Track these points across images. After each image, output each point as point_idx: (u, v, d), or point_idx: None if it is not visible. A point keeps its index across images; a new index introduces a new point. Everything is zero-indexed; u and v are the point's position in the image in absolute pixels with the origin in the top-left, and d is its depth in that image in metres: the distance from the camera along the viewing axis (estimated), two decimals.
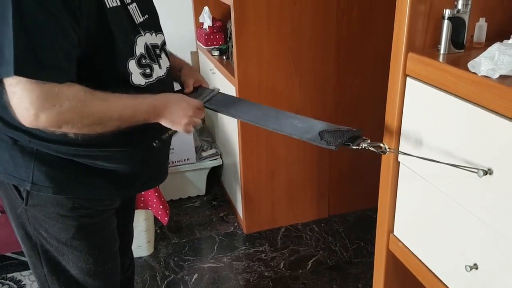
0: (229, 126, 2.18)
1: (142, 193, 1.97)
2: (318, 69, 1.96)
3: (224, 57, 2.17)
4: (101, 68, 0.99)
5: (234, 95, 1.92)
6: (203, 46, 2.33)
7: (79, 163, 1.06)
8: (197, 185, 2.46)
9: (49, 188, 1.05)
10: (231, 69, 1.99)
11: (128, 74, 1.03)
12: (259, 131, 1.95)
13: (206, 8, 2.31)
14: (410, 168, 1.03)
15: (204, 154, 2.42)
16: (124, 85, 1.03)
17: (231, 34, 2.00)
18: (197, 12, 2.45)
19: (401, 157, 1.06)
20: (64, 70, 0.91)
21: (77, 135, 0.98)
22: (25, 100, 0.88)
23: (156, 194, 1.93)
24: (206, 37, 2.28)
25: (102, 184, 1.11)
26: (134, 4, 1.07)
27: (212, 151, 2.44)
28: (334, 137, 0.96)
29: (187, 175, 2.41)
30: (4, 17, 0.85)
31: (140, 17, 1.08)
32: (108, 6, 0.98)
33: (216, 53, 2.22)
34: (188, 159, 2.35)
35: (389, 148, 0.97)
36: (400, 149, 1.05)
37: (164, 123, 1.06)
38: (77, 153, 1.04)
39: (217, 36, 2.29)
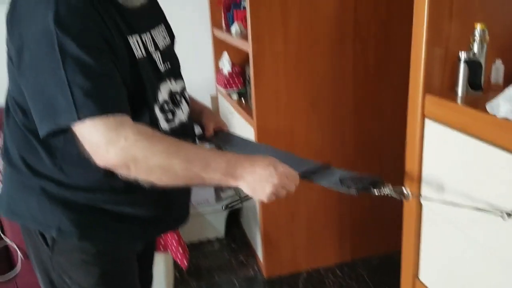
0: None
1: (162, 235, 1.98)
2: (336, 112, 1.97)
3: (243, 100, 2.22)
4: (133, 114, 0.99)
5: (253, 137, 1.94)
6: (223, 90, 2.38)
7: (104, 209, 1.07)
8: (217, 227, 2.45)
9: (75, 235, 1.06)
10: (249, 112, 2.02)
11: (156, 120, 1.06)
12: None
13: (225, 54, 2.37)
14: (434, 211, 1.01)
15: (223, 195, 2.42)
16: None
17: (249, 78, 2.04)
18: (217, 57, 2.52)
19: (424, 201, 1.04)
20: (122, 102, 0.93)
21: (145, 183, 0.93)
22: (93, 138, 0.89)
23: (176, 237, 1.93)
24: (225, 81, 2.34)
25: (126, 229, 1.11)
26: (158, 53, 1.11)
27: (231, 192, 2.44)
28: (355, 182, 0.95)
29: (206, 217, 2.41)
30: (53, 69, 0.88)
31: (162, 66, 1.12)
32: (137, 55, 1.03)
33: (235, 96, 2.26)
34: (207, 201, 2.36)
35: (411, 193, 0.95)
36: (422, 193, 1.04)
37: (245, 189, 0.94)
38: (102, 199, 1.05)
39: (236, 80, 2.34)
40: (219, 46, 2.52)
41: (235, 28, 2.17)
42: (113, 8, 1.00)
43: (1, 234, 1.94)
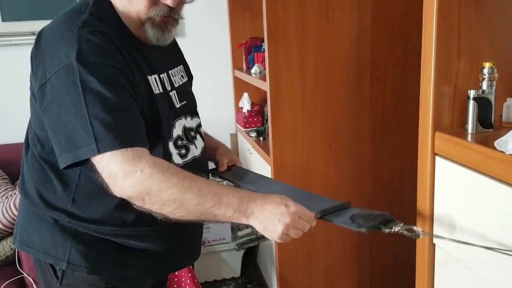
0: None
1: (176, 273, 1.96)
2: (353, 150, 1.97)
3: (261, 138, 2.24)
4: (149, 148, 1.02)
5: (270, 174, 1.95)
6: (242, 128, 2.42)
7: (114, 243, 1.08)
8: (232, 266, 2.42)
9: (83, 268, 1.08)
10: (267, 150, 2.04)
11: (170, 154, 1.08)
12: None
13: (245, 94, 2.43)
14: (447, 251, 0.99)
15: (240, 233, 2.40)
16: None
17: (267, 117, 2.08)
18: (237, 97, 2.58)
19: (436, 240, 1.02)
20: (139, 135, 0.96)
21: (159, 216, 0.95)
22: (111, 169, 0.92)
23: (190, 275, 1.92)
24: (244, 120, 2.38)
25: (135, 264, 1.12)
26: (174, 91, 1.16)
27: (248, 230, 2.42)
28: (366, 220, 0.94)
29: (222, 255, 2.39)
30: (75, 104, 0.92)
31: (178, 103, 1.16)
32: (155, 92, 1.07)
33: (253, 134, 2.29)
34: (223, 239, 2.34)
35: (422, 231, 0.93)
36: (434, 232, 1.01)
37: (257, 227, 0.94)
38: (113, 233, 1.07)
39: (255, 119, 2.38)
40: (240, 87, 2.59)
41: (255, 69, 2.23)
42: (133, 48, 1.05)
43: (18, 267, 1.97)
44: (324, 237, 2.03)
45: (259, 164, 2.11)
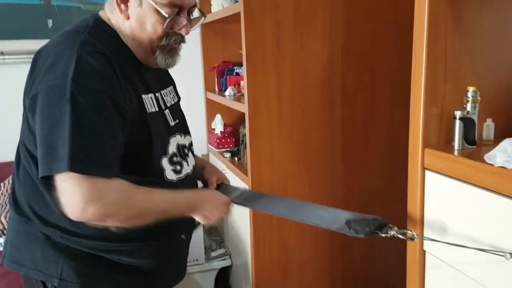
0: (240, 224, 2.21)
1: None
2: (326, 169, 2.06)
3: (236, 159, 2.29)
4: (138, 164, 1.08)
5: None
6: (215, 149, 2.46)
7: (106, 259, 1.09)
8: (205, 287, 2.41)
9: (76, 284, 1.07)
10: (243, 169, 2.09)
11: (162, 170, 1.12)
12: (271, 230, 1.99)
13: (218, 116, 2.48)
14: (436, 256, 1.08)
15: (213, 254, 2.41)
16: (159, 181, 1.11)
17: (243, 137, 2.13)
18: (210, 119, 2.62)
19: (426, 246, 1.11)
20: (112, 166, 0.99)
21: (118, 229, 1.03)
22: (75, 194, 0.94)
23: None
24: (217, 140, 2.42)
25: (125, 281, 1.13)
26: (168, 110, 1.20)
27: (221, 251, 2.43)
28: (362, 226, 1.01)
29: (195, 276, 2.38)
30: (60, 119, 0.93)
31: (172, 121, 1.20)
32: (148, 111, 1.10)
33: (227, 155, 2.34)
34: (197, 260, 2.34)
35: (417, 235, 1.03)
36: (425, 240, 1.10)
37: (197, 217, 1.14)
38: (105, 248, 1.08)
39: (228, 140, 2.43)
40: (212, 108, 2.64)
41: (229, 91, 2.30)
42: (131, 68, 1.09)
43: None
44: (298, 254, 2.09)
45: (235, 183, 2.14)
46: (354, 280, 2.21)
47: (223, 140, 2.42)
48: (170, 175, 1.15)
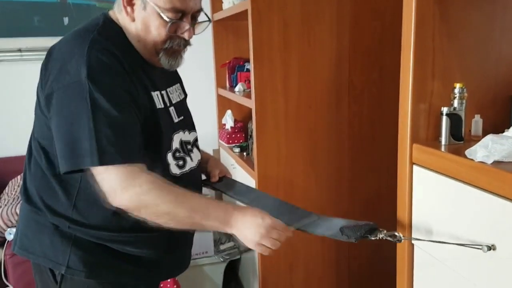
0: None
1: (161, 285, 2.00)
2: (332, 165, 2.09)
3: (245, 154, 2.34)
4: (147, 158, 1.09)
5: (254, 187, 2.03)
6: (225, 144, 2.51)
7: (111, 249, 1.14)
8: (215, 279, 2.47)
9: (82, 272, 1.13)
10: (251, 164, 2.13)
11: (167, 165, 1.16)
12: None
13: (229, 111, 2.53)
14: (425, 251, 1.10)
15: (222, 247, 2.46)
16: (164, 175, 1.13)
17: (251, 133, 2.17)
18: (221, 114, 2.68)
19: (415, 241, 1.13)
20: (139, 152, 1.04)
21: (151, 224, 1.04)
22: (112, 182, 1.00)
23: (175, 286, 1.96)
24: (228, 136, 2.47)
25: (129, 269, 1.18)
26: (172, 107, 1.24)
27: (230, 244, 2.49)
28: (354, 231, 1.05)
29: (205, 268, 2.44)
30: (81, 116, 0.99)
31: (176, 118, 1.24)
32: (158, 107, 1.15)
33: (237, 150, 2.38)
34: (206, 252, 2.40)
35: (403, 236, 1.06)
36: (413, 235, 1.13)
37: (238, 235, 1.06)
38: (110, 238, 1.12)
39: (238, 135, 2.48)
40: (223, 104, 2.69)
41: (239, 87, 2.34)
42: (139, 66, 1.14)
43: (4, 279, 1.97)
44: (305, 249, 2.12)
45: (242, 177, 2.20)
46: (360, 276, 2.23)
47: (233, 135, 2.46)
48: (174, 169, 1.19)
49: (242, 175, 2.23)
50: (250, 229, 1.04)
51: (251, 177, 2.10)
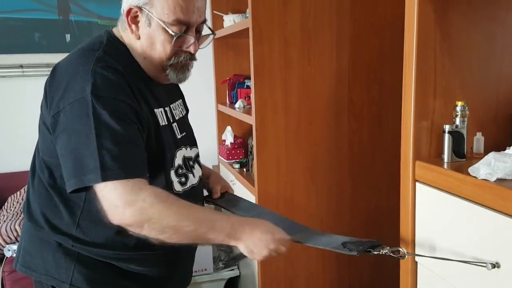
0: None
1: None
2: (333, 182, 2.09)
3: (244, 170, 2.34)
4: (151, 176, 1.08)
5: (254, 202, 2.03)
6: (225, 160, 2.51)
7: (115, 266, 1.13)
8: None
9: None
10: (251, 180, 2.13)
11: (171, 182, 1.16)
12: None
13: (228, 127, 2.54)
14: (429, 268, 1.10)
15: (221, 264, 2.45)
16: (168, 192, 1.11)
17: (251, 149, 2.18)
18: (221, 130, 2.69)
19: (418, 258, 1.13)
20: (141, 167, 1.03)
21: (154, 240, 1.02)
22: (113, 198, 0.98)
23: None
24: (227, 152, 2.48)
25: (133, 287, 1.17)
26: (175, 123, 1.24)
27: (230, 260, 2.47)
28: (356, 245, 1.04)
29: (204, 286, 2.41)
30: (85, 133, 0.99)
31: (179, 134, 1.24)
32: (161, 124, 1.15)
33: (236, 166, 2.39)
34: (205, 269, 2.38)
35: (407, 252, 1.05)
36: (416, 249, 1.13)
37: (243, 249, 1.05)
38: (114, 256, 1.11)
39: (238, 151, 2.49)
40: (222, 120, 2.71)
41: (239, 104, 2.36)
42: (142, 83, 1.14)
43: None
44: (305, 266, 2.11)
45: (242, 194, 2.19)
46: None
47: (233, 152, 2.47)
48: (177, 187, 1.18)
49: (242, 192, 2.23)
50: (260, 245, 1.04)
51: (251, 193, 2.10)
